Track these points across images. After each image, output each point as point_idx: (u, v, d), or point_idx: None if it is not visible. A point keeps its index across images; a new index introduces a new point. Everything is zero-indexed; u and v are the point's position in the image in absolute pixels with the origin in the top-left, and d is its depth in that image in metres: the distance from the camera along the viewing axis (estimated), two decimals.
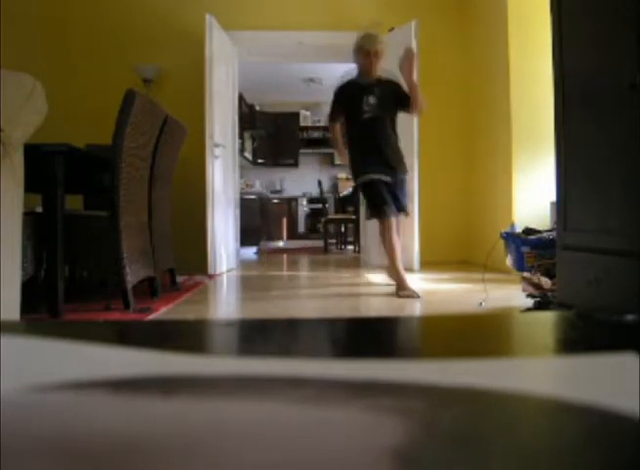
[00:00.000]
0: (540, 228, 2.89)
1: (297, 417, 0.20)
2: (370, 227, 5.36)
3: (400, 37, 4.85)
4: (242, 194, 6.76)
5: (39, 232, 2.57)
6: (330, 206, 9.51)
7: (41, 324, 0.68)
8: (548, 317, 0.51)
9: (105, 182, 2.86)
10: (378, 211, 3.39)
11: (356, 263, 5.77)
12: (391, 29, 5.03)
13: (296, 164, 10.70)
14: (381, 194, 3.38)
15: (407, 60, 3.40)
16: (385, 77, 3.54)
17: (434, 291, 3.63)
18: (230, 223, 5.17)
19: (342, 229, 8.16)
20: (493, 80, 4.78)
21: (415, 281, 4.19)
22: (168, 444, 0.17)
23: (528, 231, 2.80)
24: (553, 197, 2.50)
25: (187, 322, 0.70)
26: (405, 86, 3.48)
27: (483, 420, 0.20)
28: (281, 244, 9.67)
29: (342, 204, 8.37)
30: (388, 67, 4.04)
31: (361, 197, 3.35)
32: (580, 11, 2.17)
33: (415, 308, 3.17)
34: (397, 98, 3.47)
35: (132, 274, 2.81)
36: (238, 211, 5.47)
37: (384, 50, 3.48)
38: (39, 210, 2.67)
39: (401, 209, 3.48)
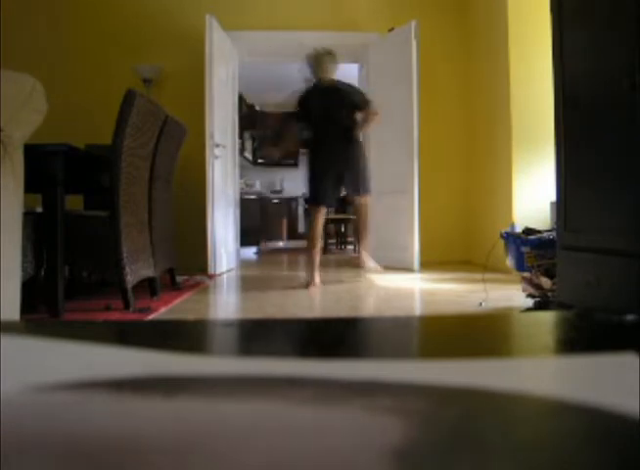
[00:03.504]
0: (540, 228, 2.89)
1: (297, 417, 0.20)
2: (371, 227, 5.36)
3: (400, 37, 4.86)
4: (242, 194, 6.76)
5: (39, 232, 2.57)
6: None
7: (41, 324, 0.68)
8: (548, 317, 0.51)
9: (105, 182, 2.86)
10: None
11: (356, 263, 5.76)
12: (391, 29, 5.04)
13: (296, 164, 10.69)
14: None
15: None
16: None
17: (435, 291, 3.63)
18: (230, 223, 5.18)
19: (343, 229, 8.16)
20: (493, 80, 4.78)
21: (415, 281, 4.19)
22: (168, 444, 0.17)
23: (528, 231, 2.80)
24: (553, 197, 2.50)
25: (187, 322, 0.70)
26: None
27: (483, 420, 0.20)
28: (281, 244, 9.67)
29: (343, 204, 8.36)
30: (386, 67, 4.09)
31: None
32: (580, 11, 2.17)
33: (415, 308, 3.17)
34: None
35: (132, 274, 2.81)
36: (238, 211, 5.47)
37: None
38: (39, 210, 2.67)
39: None
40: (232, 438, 0.18)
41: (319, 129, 3.89)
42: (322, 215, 3.91)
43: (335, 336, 0.38)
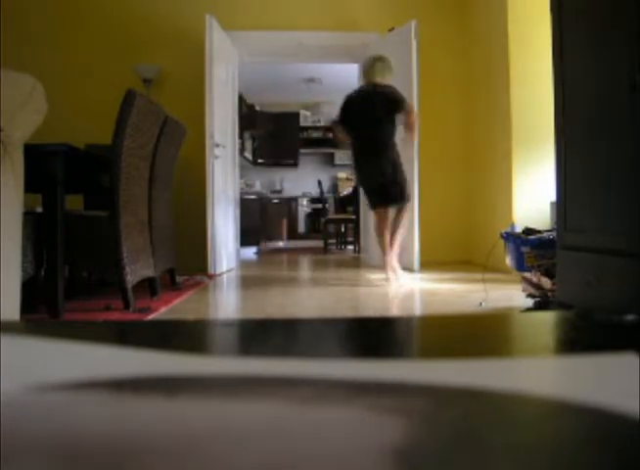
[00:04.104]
0: (540, 228, 2.89)
1: (297, 417, 0.20)
2: (371, 227, 5.36)
3: (400, 37, 4.86)
4: (242, 194, 6.76)
5: (39, 232, 2.57)
6: (330, 206, 9.51)
7: (41, 324, 0.68)
8: (548, 317, 0.51)
9: (105, 182, 2.86)
10: None
11: (356, 263, 5.77)
12: (391, 29, 5.04)
13: (295, 165, 10.70)
14: None
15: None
16: None
17: (435, 291, 3.63)
18: (230, 223, 5.17)
19: (343, 229, 8.16)
20: (493, 80, 4.78)
21: (415, 281, 4.20)
22: (169, 444, 0.17)
23: (528, 231, 2.80)
24: (553, 197, 2.50)
25: (187, 322, 0.70)
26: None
27: (483, 420, 0.20)
28: (281, 244, 9.67)
29: (342, 204, 8.37)
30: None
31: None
32: (580, 11, 2.17)
33: (415, 308, 3.17)
34: None
35: (132, 274, 2.81)
36: (238, 211, 5.47)
37: None
38: (39, 210, 2.67)
39: None
40: (232, 438, 0.18)
41: (358, 134, 3.99)
42: (384, 216, 4.01)
43: (335, 336, 0.38)
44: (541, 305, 2.56)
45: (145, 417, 0.20)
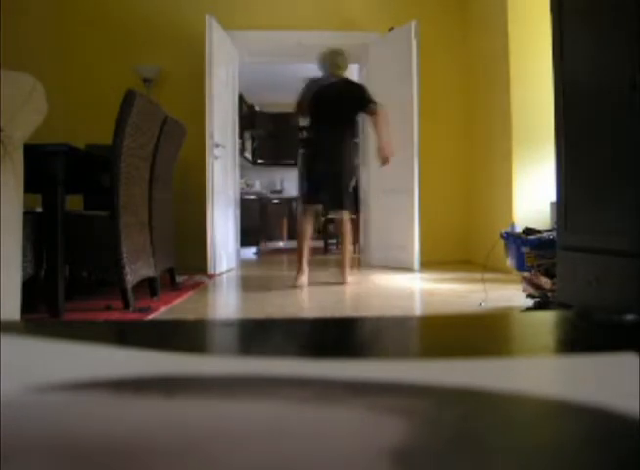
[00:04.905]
0: (540, 228, 2.88)
1: (297, 417, 0.20)
2: (371, 227, 5.37)
3: (400, 37, 4.86)
4: (242, 194, 6.76)
5: (39, 232, 2.57)
6: None
7: (41, 324, 0.68)
8: (548, 317, 0.51)
9: (105, 182, 2.85)
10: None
11: (356, 263, 5.76)
12: (391, 29, 5.04)
13: (296, 164, 10.68)
14: None
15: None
16: None
17: (434, 291, 3.63)
18: (230, 223, 5.17)
19: None
20: (493, 80, 4.78)
21: (415, 281, 4.20)
22: (169, 444, 0.17)
23: (528, 231, 2.80)
24: (553, 197, 2.50)
25: (187, 322, 0.70)
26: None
27: (483, 420, 0.20)
28: (281, 244, 9.66)
29: None
30: (386, 67, 4.10)
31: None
32: (580, 11, 2.17)
33: (415, 308, 3.17)
34: None
35: (132, 274, 2.81)
36: (238, 211, 5.47)
37: None
38: (39, 210, 2.67)
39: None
40: (232, 438, 0.18)
41: (321, 125, 3.89)
42: (310, 213, 3.88)
43: (335, 336, 0.38)
44: (541, 305, 2.56)
45: (145, 417, 0.20)
